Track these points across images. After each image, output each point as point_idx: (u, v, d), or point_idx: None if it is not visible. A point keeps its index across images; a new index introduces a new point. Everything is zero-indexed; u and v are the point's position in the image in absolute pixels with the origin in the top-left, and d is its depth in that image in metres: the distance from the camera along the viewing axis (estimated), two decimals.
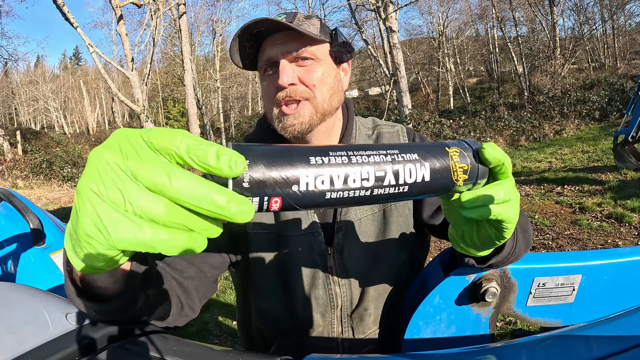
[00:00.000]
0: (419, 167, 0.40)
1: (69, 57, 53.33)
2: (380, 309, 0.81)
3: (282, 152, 0.34)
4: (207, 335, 2.90)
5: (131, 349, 0.52)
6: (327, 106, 0.74)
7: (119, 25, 10.82)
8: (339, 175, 0.35)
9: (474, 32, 25.44)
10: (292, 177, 0.33)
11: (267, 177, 0.32)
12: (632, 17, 22.64)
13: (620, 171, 5.84)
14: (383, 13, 10.63)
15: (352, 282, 0.78)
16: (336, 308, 0.79)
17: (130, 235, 0.29)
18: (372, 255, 0.79)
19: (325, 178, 0.35)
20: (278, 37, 0.70)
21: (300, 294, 0.78)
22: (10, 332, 0.50)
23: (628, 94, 10.57)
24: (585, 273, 0.67)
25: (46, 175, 10.63)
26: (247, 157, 0.31)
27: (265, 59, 0.72)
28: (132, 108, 10.90)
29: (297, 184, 0.33)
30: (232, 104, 23.56)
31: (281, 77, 0.69)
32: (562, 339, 0.52)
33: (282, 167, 0.33)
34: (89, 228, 0.30)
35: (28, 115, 38.00)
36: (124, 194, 0.29)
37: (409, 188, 0.39)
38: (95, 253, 0.31)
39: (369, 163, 0.37)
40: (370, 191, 0.37)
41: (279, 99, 0.70)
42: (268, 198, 0.32)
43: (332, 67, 0.76)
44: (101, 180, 0.29)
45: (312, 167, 0.34)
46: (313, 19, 0.74)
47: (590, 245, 3.80)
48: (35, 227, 1.32)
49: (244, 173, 0.31)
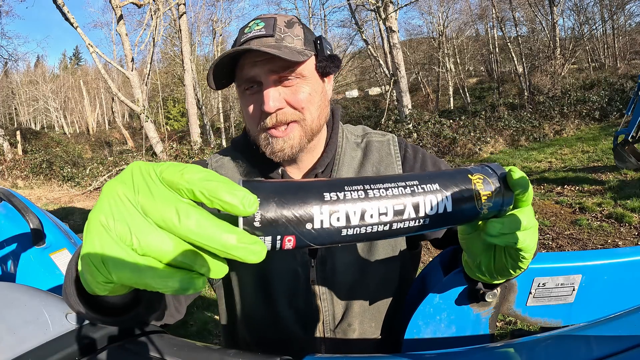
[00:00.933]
0: (440, 198, 0.37)
1: (69, 57, 53.36)
2: (365, 325, 0.77)
3: (295, 189, 0.32)
4: (207, 335, 2.90)
5: (131, 349, 0.52)
6: (316, 125, 0.70)
7: (119, 25, 10.82)
8: (355, 211, 0.33)
9: (474, 32, 25.45)
10: (305, 215, 0.31)
11: (279, 215, 0.31)
12: (632, 17, 22.66)
13: (620, 171, 5.83)
14: (383, 13, 10.63)
15: (335, 297, 0.75)
16: (318, 322, 0.75)
17: (129, 274, 0.28)
18: (357, 269, 0.75)
19: (341, 215, 0.33)
20: (258, 55, 0.63)
21: (281, 304, 0.75)
22: (10, 332, 0.50)
23: (628, 94, 10.57)
24: (585, 273, 0.67)
25: (46, 175, 10.63)
26: (258, 195, 0.30)
27: (246, 78, 0.66)
28: (132, 108, 10.90)
29: (311, 222, 0.32)
30: (232, 104, 23.54)
31: (266, 103, 0.64)
32: (562, 339, 0.52)
33: (294, 204, 0.31)
34: (91, 259, 0.29)
35: (28, 115, 38.00)
36: (131, 229, 0.28)
37: (430, 220, 0.37)
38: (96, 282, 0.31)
39: (387, 197, 0.35)
40: (389, 226, 0.35)
41: (267, 125, 0.66)
42: (281, 237, 0.31)
43: (319, 82, 0.71)
44: (111, 213, 0.29)
45: (326, 203, 0.32)
46: (295, 26, 0.68)
47: (590, 245, 3.79)
48: (35, 227, 1.32)
49: (255, 212, 0.29)
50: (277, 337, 0.78)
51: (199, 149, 10.47)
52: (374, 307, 0.77)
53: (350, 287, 0.75)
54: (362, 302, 0.76)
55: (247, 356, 0.51)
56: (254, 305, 0.77)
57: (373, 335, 0.79)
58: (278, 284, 0.74)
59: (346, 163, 0.76)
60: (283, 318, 0.76)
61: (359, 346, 0.78)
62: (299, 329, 0.76)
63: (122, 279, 0.29)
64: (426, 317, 0.68)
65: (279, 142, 0.67)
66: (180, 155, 10.06)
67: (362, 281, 0.75)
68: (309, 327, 0.76)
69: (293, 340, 0.77)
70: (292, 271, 0.74)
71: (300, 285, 0.74)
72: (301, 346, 0.77)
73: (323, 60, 0.69)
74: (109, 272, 0.29)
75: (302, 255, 0.74)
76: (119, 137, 26.13)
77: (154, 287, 0.29)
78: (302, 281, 0.74)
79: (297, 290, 0.74)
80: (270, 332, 0.78)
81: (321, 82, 0.72)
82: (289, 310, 0.75)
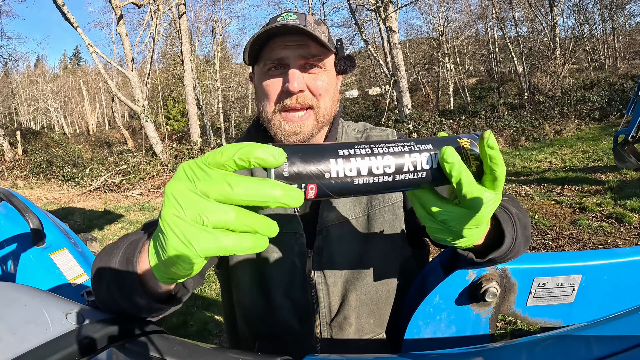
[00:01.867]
0: (433, 154, 0.43)
1: (69, 57, 53.35)
2: (362, 319, 0.77)
3: (314, 147, 0.39)
4: (207, 335, 2.90)
5: (131, 349, 0.52)
6: (327, 115, 0.75)
7: (119, 25, 10.82)
8: (364, 164, 0.40)
9: (474, 32, 25.45)
10: (324, 167, 0.38)
11: (303, 167, 0.37)
12: (632, 17, 22.66)
13: (620, 171, 5.83)
14: (383, 13, 10.63)
15: (331, 288, 0.75)
16: (314, 314, 0.76)
17: (209, 244, 0.34)
18: (354, 261, 0.76)
19: (353, 167, 0.39)
20: (290, 39, 0.68)
21: (278, 294, 0.76)
22: (10, 332, 0.50)
23: (628, 94, 10.56)
24: (585, 273, 0.67)
25: (46, 175, 10.63)
26: (285, 152, 0.36)
27: (275, 58, 0.70)
28: (132, 108, 10.90)
29: (329, 172, 0.38)
30: (232, 104, 23.54)
31: (291, 83, 0.68)
32: (562, 339, 0.52)
33: (315, 158, 0.38)
34: (177, 245, 0.35)
35: (28, 115, 38.00)
36: (199, 212, 0.34)
37: (426, 174, 0.43)
38: (184, 264, 0.37)
39: (389, 153, 0.41)
40: (392, 177, 0.41)
41: (286, 105, 0.70)
42: (305, 185, 0.37)
43: (334, 77, 0.77)
44: (179, 205, 0.35)
45: (340, 157, 0.39)
46: (322, 26, 0.73)
47: (590, 245, 3.79)
48: (35, 227, 1.32)
49: (283, 165, 0.36)
50: (274, 329, 0.78)
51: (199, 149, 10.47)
52: (371, 302, 0.77)
53: (346, 279, 0.76)
54: (358, 295, 0.76)
55: (247, 356, 0.51)
56: (252, 295, 0.78)
57: (372, 333, 0.79)
58: (275, 273, 0.76)
59: None
60: (279, 308, 0.76)
61: (357, 344, 0.78)
62: (294, 320, 0.76)
63: (206, 251, 0.35)
64: (426, 317, 0.68)
65: (292, 126, 0.71)
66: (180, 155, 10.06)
67: (359, 273, 0.76)
68: (305, 318, 0.76)
69: (289, 333, 0.77)
70: (289, 261, 0.75)
71: (296, 275, 0.75)
72: (297, 339, 0.77)
73: (342, 59, 0.75)
74: (195, 249, 0.35)
75: (300, 246, 0.75)
76: (119, 137, 26.13)
77: (232, 251, 0.35)
78: (299, 271, 0.75)
79: (293, 280, 0.76)
80: (267, 323, 0.78)
81: (336, 78, 0.78)
82: (285, 299, 0.76)
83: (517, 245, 0.60)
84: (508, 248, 0.59)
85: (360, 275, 0.76)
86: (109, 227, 5.99)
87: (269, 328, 0.79)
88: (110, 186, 8.78)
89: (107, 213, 6.82)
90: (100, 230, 5.83)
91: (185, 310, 3.25)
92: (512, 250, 0.60)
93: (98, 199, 8.09)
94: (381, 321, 0.80)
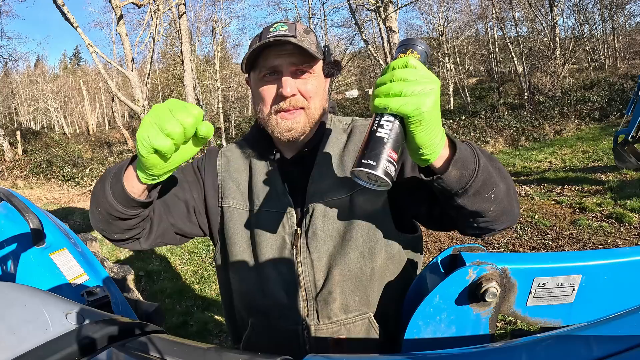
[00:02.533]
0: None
1: (69, 57, 53.39)
2: (347, 295, 0.82)
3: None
4: (207, 335, 2.90)
5: (131, 348, 0.52)
6: (317, 114, 0.85)
7: (119, 25, 10.82)
8: None
9: (474, 32, 25.45)
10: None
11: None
12: (632, 17, 22.66)
13: (620, 171, 5.83)
14: (383, 13, 10.63)
15: (316, 263, 0.82)
16: (300, 288, 0.82)
17: (160, 142, 0.60)
18: (337, 238, 0.82)
19: None
20: (282, 49, 0.78)
21: (268, 268, 0.84)
22: (10, 331, 0.50)
23: (628, 94, 10.57)
24: (585, 273, 0.67)
25: (46, 175, 10.62)
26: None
27: (269, 66, 0.80)
28: (132, 108, 10.90)
29: None
30: (232, 104, 23.53)
31: (285, 88, 0.78)
32: (562, 339, 0.52)
33: None
34: (143, 136, 0.61)
35: (28, 115, 38.01)
36: (164, 121, 0.59)
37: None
38: (144, 153, 0.62)
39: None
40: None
41: (281, 107, 0.80)
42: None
43: (323, 80, 0.87)
44: (157, 115, 0.60)
45: None
46: (311, 34, 0.83)
47: (590, 245, 3.80)
48: (35, 227, 1.32)
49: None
50: (264, 304, 0.85)
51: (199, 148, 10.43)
52: (356, 279, 0.82)
53: (330, 255, 0.82)
54: (342, 270, 0.81)
55: (247, 356, 0.51)
56: (244, 270, 0.87)
57: (358, 311, 0.83)
58: (265, 249, 0.84)
59: (331, 144, 0.89)
60: (268, 281, 0.84)
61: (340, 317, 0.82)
62: (282, 293, 0.84)
63: (156, 145, 0.60)
64: (426, 317, 0.68)
65: (287, 124, 0.81)
66: None
67: (342, 250, 0.82)
68: (291, 292, 0.83)
69: (277, 305, 0.84)
70: (279, 237, 0.84)
71: (284, 251, 0.84)
72: (285, 313, 0.83)
73: (329, 64, 0.86)
74: (150, 141, 0.60)
75: (291, 225, 0.84)
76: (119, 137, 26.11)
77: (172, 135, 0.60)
78: (287, 247, 0.84)
79: (282, 255, 0.84)
80: (259, 297, 0.86)
81: (324, 81, 0.88)
82: (274, 272, 0.84)
83: (482, 165, 0.63)
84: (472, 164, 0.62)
85: (344, 251, 0.82)
86: None
87: (261, 301, 0.85)
88: None
89: None
90: None
91: (185, 310, 3.25)
92: (481, 170, 0.63)
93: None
94: (367, 300, 0.84)
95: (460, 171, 0.62)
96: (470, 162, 0.63)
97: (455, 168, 0.62)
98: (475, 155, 0.64)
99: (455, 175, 0.62)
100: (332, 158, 0.87)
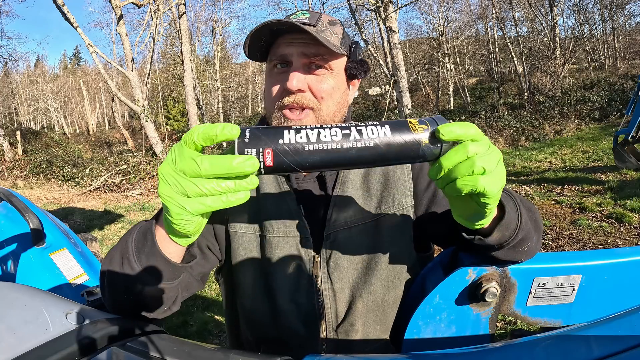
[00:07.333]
0: (379, 128, 0.49)
1: (69, 57, 53.30)
2: (369, 327, 0.76)
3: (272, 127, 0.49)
4: (207, 335, 2.90)
5: (131, 348, 0.52)
6: (331, 120, 0.72)
7: (119, 25, 10.82)
8: (313, 133, 0.48)
9: (474, 32, 25.43)
10: (278, 136, 0.47)
11: (260, 135, 0.47)
12: (632, 17, 22.64)
13: (620, 171, 5.83)
14: (383, 13, 10.62)
15: (338, 294, 0.74)
16: (320, 320, 0.74)
17: (197, 207, 0.47)
18: (362, 267, 0.74)
19: (303, 135, 0.47)
20: (296, 37, 0.68)
21: (283, 299, 0.74)
22: (10, 331, 0.50)
23: (628, 94, 10.55)
24: (585, 273, 0.67)
25: (46, 175, 10.61)
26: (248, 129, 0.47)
27: (279, 55, 0.69)
28: (132, 108, 10.90)
29: (282, 139, 0.47)
30: (232, 104, 23.53)
31: (290, 81, 0.66)
32: (562, 339, 0.52)
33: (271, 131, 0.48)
34: (175, 209, 0.48)
35: (28, 115, 37.99)
36: (181, 186, 0.46)
37: (374, 142, 0.48)
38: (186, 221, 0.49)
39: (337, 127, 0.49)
40: (340, 145, 0.48)
41: (285, 103, 0.69)
42: (262, 151, 0.46)
43: (343, 81, 0.74)
44: (168, 183, 0.47)
45: (292, 129, 0.48)
46: (337, 26, 0.71)
47: (590, 245, 3.79)
48: (35, 227, 1.32)
49: (245, 134, 0.46)
50: (278, 334, 0.77)
51: None
52: (379, 309, 0.76)
53: (353, 285, 0.75)
54: (365, 301, 0.75)
55: (247, 356, 0.51)
56: (255, 299, 0.77)
57: (379, 340, 0.78)
58: (280, 278, 0.74)
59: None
60: (284, 313, 0.75)
61: (363, 350, 0.77)
62: (300, 325, 0.75)
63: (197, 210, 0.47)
64: (426, 317, 0.68)
65: (290, 123, 0.69)
66: None
67: (367, 279, 0.74)
68: (310, 324, 0.75)
69: (294, 338, 0.76)
70: (295, 266, 0.74)
71: (302, 280, 0.74)
72: (302, 343, 0.76)
73: (353, 63, 0.73)
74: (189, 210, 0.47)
75: (307, 251, 0.74)
76: (119, 137, 26.11)
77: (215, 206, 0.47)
78: (305, 276, 0.74)
79: (299, 285, 0.74)
80: (271, 329, 0.77)
81: (345, 82, 0.75)
82: (290, 304, 0.74)
83: (524, 224, 0.60)
84: (515, 227, 0.59)
85: (368, 282, 0.74)
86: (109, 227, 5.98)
87: (273, 332, 0.77)
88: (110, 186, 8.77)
89: (107, 213, 6.81)
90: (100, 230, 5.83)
91: (186, 311, 3.25)
92: (522, 230, 0.59)
93: (98, 199, 8.08)
94: (387, 327, 0.78)
95: (503, 232, 0.59)
96: (513, 222, 0.59)
97: (499, 231, 0.59)
98: (518, 215, 0.59)
99: (497, 237, 0.59)
100: (355, 176, 0.76)
